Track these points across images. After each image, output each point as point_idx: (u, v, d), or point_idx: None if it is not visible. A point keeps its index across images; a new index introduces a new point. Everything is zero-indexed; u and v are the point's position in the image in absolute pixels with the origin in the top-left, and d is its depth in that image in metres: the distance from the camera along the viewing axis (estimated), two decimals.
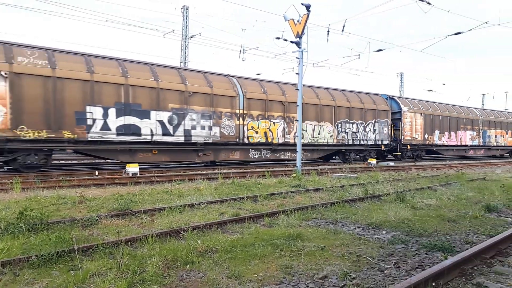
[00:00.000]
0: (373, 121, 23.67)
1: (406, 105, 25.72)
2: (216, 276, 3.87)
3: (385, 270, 4.13)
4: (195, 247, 4.62)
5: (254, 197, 8.75)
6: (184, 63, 31.93)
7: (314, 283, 3.74)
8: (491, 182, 12.47)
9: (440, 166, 20.50)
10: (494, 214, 7.45)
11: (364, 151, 23.55)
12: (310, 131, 20.61)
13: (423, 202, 8.38)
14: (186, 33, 32.11)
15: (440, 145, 27.86)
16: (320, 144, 21.07)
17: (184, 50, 32.37)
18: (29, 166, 12.93)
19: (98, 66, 14.21)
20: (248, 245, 4.85)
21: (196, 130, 16.38)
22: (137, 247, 4.78)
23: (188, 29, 32.22)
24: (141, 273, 3.84)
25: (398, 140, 25.10)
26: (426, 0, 15.73)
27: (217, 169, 15.19)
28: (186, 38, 32.18)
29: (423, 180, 13.25)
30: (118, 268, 3.92)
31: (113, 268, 3.93)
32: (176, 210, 7.03)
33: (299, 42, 15.04)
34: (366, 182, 11.83)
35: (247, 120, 18.06)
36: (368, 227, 6.12)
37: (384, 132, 24.26)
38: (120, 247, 4.52)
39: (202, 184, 10.99)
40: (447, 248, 4.87)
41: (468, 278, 3.89)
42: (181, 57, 32.48)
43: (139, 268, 3.95)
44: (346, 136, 22.22)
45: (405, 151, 25.62)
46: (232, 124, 17.58)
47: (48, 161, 13.64)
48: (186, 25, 32.06)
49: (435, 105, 28.52)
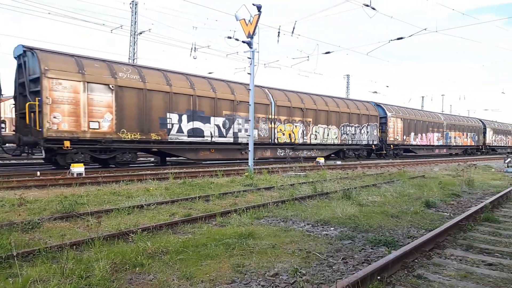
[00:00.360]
0: (366, 124, 27.80)
1: (390, 111, 30.00)
2: (166, 277, 3.81)
3: (333, 265, 4.28)
4: (144, 249, 4.51)
5: (206, 196, 8.70)
6: (132, 60, 31.03)
7: (265, 280, 3.79)
8: (430, 180, 13.28)
9: (384, 165, 21.51)
10: (432, 209, 7.95)
11: (359, 150, 27.66)
12: (321, 133, 24.37)
13: (368, 199, 8.75)
14: (135, 29, 31.20)
15: (415, 145, 32.65)
16: (329, 144, 25.06)
17: (133, 46, 31.45)
18: (124, 163, 15.65)
19: (174, 80, 17.13)
20: (199, 245, 4.82)
21: (241, 133, 19.58)
22: (83, 251, 4.59)
23: (137, 25, 31.35)
24: (88, 278, 3.70)
25: (384, 141, 29.21)
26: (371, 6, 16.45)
27: (168, 169, 14.91)
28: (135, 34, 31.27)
29: (368, 178, 13.84)
30: (62, 273, 3.74)
31: (56, 274, 3.74)
32: (124, 211, 6.82)
33: (251, 42, 15.14)
34: (315, 180, 12.15)
35: (277, 124, 21.58)
36: (317, 224, 6.30)
37: (374, 134, 28.45)
38: (65, 251, 4.31)
39: (152, 185, 10.75)
40: (391, 243, 5.13)
41: (410, 270, 4.12)
42: (129, 53, 31.53)
43: (85, 272, 3.80)
44: (347, 137, 26.24)
45: (388, 150, 29.74)
46: (266, 128, 21.04)
47: (135, 159, 16.49)
48: (135, 20, 31.16)
49: (410, 111, 33.26)
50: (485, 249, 4.97)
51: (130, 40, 31.45)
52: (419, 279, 3.86)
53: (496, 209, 7.89)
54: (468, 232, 5.88)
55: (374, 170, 18.12)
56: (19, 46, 14.32)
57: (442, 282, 3.78)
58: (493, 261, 4.48)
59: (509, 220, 6.90)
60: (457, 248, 5.05)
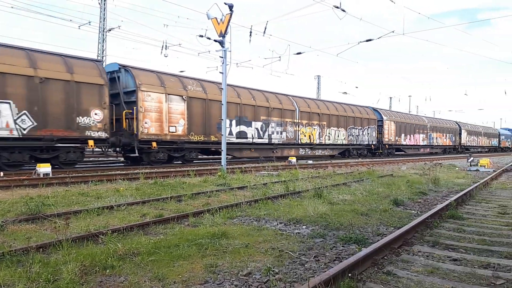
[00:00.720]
0: (367, 127, 31.99)
1: (385, 115, 34.28)
2: (138, 279, 3.75)
3: (305, 263, 4.33)
4: (115, 251, 4.42)
5: (179, 197, 8.61)
6: (101, 57, 30.29)
7: (238, 280, 3.79)
8: (398, 178, 13.66)
9: (353, 164, 21.95)
10: (401, 207, 8.18)
11: (361, 149, 31.76)
12: (333, 134, 28.20)
13: (339, 198, 8.91)
14: (104, 26, 30.48)
15: (405, 145, 37.18)
16: (339, 144, 29.06)
17: (102, 43, 30.71)
18: (189, 159, 19.24)
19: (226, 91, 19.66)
20: (172, 246, 4.77)
21: (274, 135, 23.51)
22: (50, 254, 4.44)
23: (106, 21, 30.63)
24: (55, 281, 3.59)
25: (380, 142, 33.48)
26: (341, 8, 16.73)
27: (138, 169, 14.65)
28: (104, 31, 30.54)
29: (338, 177, 14.08)
30: (28, 277, 3.61)
31: (22, 278, 3.61)
32: (93, 212, 6.66)
33: (223, 41, 15.09)
34: (287, 179, 12.25)
35: (300, 127, 25.37)
36: (289, 223, 6.35)
37: (373, 135, 32.61)
38: (31, 254, 4.17)
39: (122, 185, 10.54)
40: (361, 240, 5.25)
41: (379, 267, 4.23)
42: (98, 50, 30.77)
43: (53, 276, 3.68)
44: (353, 138, 30.30)
45: (384, 149, 34.07)
46: (292, 130, 24.75)
47: (197, 157, 20.24)
48: (104, 17, 30.44)
49: (401, 114, 38.29)
50: (450, 245, 5.16)
51: (99, 37, 30.70)
52: (389, 276, 3.96)
53: (460, 207, 8.20)
54: (435, 229, 6.09)
55: (344, 169, 18.46)
56: (115, 64, 17.60)
57: (410, 278, 3.90)
58: (458, 256, 4.66)
59: (472, 217, 7.20)
60: (424, 244, 5.22)
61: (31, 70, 13.52)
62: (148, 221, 5.97)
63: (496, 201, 9.20)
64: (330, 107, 28.43)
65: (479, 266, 4.34)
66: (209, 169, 15.60)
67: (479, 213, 7.56)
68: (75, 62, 14.91)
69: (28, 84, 13.44)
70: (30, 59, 13.70)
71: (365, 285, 3.68)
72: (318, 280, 3.35)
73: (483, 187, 11.67)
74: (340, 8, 16.65)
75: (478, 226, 6.37)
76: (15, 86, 13.12)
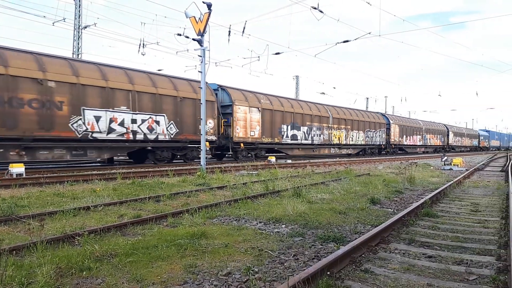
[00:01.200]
0: (379, 130, 38.03)
1: (391, 119, 40.74)
2: (116, 281, 3.69)
3: (285, 262, 4.36)
4: (92, 252, 4.34)
5: (157, 197, 8.52)
6: (77, 55, 29.62)
7: (218, 280, 3.79)
8: (375, 177, 13.90)
9: (331, 163, 22.23)
10: (377, 206, 8.33)
11: (373, 148, 37.88)
12: (355, 136, 34.13)
13: (317, 197, 9.00)
14: (79, 23, 29.77)
15: (406, 145, 43.39)
16: (359, 144, 34.94)
17: (77, 41, 30.00)
18: (260, 156, 24.42)
19: (284, 102, 26.54)
20: (150, 247, 4.71)
21: (315, 137, 28.89)
22: (24, 256, 4.33)
23: (81, 18, 29.92)
24: (30, 284, 3.50)
25: (388, 142, 39.31)
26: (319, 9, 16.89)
27: (115, 169, 14.42)
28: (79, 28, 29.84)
29: (317, 176, 14.22)
30: (1, 280, 3.50)
31: None
32: (69, 213, 6.51)
33: (201, 40, 14.98)
34: (267, 178, 12.29)
35: (332, 130, 30.88)
36: (269, 222, 6.38)
37: (383, 137, 38.69)
38: (3, 257, 4.04)
39: (99, 185, 10.35)
40: (339, 239, 5.32)
41: (357, 265, 4.30)
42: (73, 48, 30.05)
43: (27, 279, 3.59)
44: (368, 139, 36.21)
45: (391, 149, 40.00)
46: (327, 133, 30.24)
47: (265, 153, 25.33)
48: (79, 14, 29.73)
49: (403, 119, 45.51)
50: (426, 243, 5.29)
51: (74, 34, 29.99)
52: (366, 273, 4.03)
53: (435, 205, 8.42)
54: (410, 227, 6.23)
55: (322, 168, 18.65)
56: (215, 84, 22.52)
57: (387, 275, 3.98)
58: (433, 253, 4.79)
59: (446, 214, 7.40)
60: (400, 242, 5.33)
61: (175, 92, 18.89)
62: (126, 222, 5.88)
63: (468, 199, 9.49)
64: (352, 113, 34.53)
65: (453, 262, 4.46)
66: (188, 169, 15.49)
67: (453, 211, 7.78)
68: (196, 84, 19.41)
69: (174, 102, 18.67)
70: (174, 84, 19.07)
71: (343, 283, 3.74)
72: (297, 279, 3.37)
73: (457, 186, 12.01)
74: (318, 9, 16.82)
75: (451, 224, 6.56)
76: (167, 104, 18.33)
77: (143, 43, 22.69)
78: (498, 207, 8.28)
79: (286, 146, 26.18)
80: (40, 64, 14.10)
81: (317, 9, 16.74)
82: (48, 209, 6.96)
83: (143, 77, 17.95)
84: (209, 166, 16.68)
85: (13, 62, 13.34)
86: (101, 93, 15.68)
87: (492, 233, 5.90)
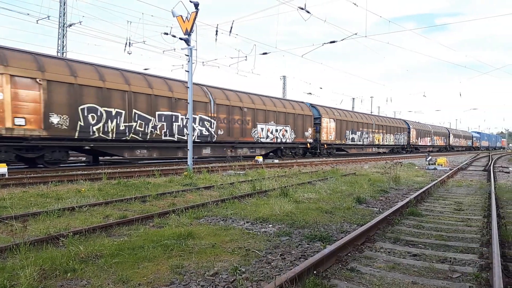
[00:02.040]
0: (402, 133, 46.04)
1: (411, 125, 48.62)
2: (101, 282, 3.65)
3: (272, 262, 4.37)
4: (77, 254, 4.28)
5: (143, 197, 8.45)
6: (62, 53, 29.19)
7: (205, 280, 3.77)
8: (361, 177, 14.03)
9: (318, 163, 22.34)
10: (363, 205, 8.41)
11: (399, 148, 45.22)
12: (388, 138, 41.99)
13: (304, 196, 9.04)
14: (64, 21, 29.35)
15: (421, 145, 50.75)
16: (390, 144, 42.95)
17: (62, 39, 29.58)
18: (332, 154, 32.61)
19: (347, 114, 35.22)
20: (136, 247, 4.67)
21: (365, 139, 36.89)
22: (6, 258, 4.24)
23: (66, 16, 29.52)
24: (12, 287, 3.44)
25: (408, 143, 46.97)
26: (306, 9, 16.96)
27: (101, 169, 14.24)
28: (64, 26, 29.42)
29: (304, 176, 14.29)
30: None
31: None
32: (54, 214, 6.41)
33: (188, 39, 14.90)
34: (254, 178, 12.30)
35: (375, 134, 39.11)
36: (256, 222, 6.38)
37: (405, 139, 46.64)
38: None
39: (84, 186, 10.21)
40: (326, 238, 5.35)
41: (343, 264, 4.33)
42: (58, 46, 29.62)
43: (9, 281, 3.52)
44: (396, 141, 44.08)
45: (410, 148, 47.60)
46: (372, 136, 38.50)
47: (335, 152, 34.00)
48: (64, 12, 29.31)
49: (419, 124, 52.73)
50: (411, 241, 5.36)
51: (58, 33, 29.55)
52: (352, 272, 4.07)
53: (420, 204, 8.54)
54: (396, 226, 6.31)
55: (309, 168, 18.73)
56: (308, 103, 31.10)
57: (373, 274, 4.02)
58: (417, 252, 4.86)
59: (430, 213, 7.51)
60: (386, 241, 5.39)
61: (293, 110, 27.93)
62: (111, 223, 5.82)
63: (452, 198, 9.65)
64: (386, 120, 43.11)
65: (437, 260, 4.53)
66: (175, 169, 15.40)
67: (437, 210, 7.90)
68: (301, 105, 29.55)
69: (294, 117, 27.77)
70: (282, 103, 27.59)
71: (330, 282, 3.76)
72: (284, 278, 3.39)
73: (441, 185, 12.20)
74: (305, 10, 16.87)
75: (436, 223, 6.66)
76: (290, 118, 27.46)
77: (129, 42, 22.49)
78: (481, 206, 8.44)
79: (346, 146, 34.72)
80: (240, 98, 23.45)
81: (304, 10, 16.80)
82: (31, 210, 6.84)
83: (275, 101, 27.08)
84: (196, 166, 16.61)
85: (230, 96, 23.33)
86: (263, 114, 24.98)
87: (475, 231, 6.01)
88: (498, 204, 8.49)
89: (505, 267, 4.23)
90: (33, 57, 14.03)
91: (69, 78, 14.66)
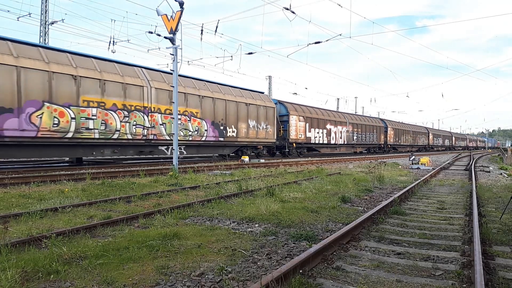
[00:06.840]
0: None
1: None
2: (85, 284, 3.60)
3: (258, 261, 4.37)
4: (60, 255, 4.21)
5: (128, 198, 8.36)
6: None
7: (191, 281, 3.76)
8: (345, 176, 14.15)
9: (303, 163, 22.45)
10: (348, 204, 8.48)
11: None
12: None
13: (290, 196, 9.07)
14: (45, 18, 28.79)
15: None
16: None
17: (44, 37, 29.01)
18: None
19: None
20: (121, 248, 4.62)
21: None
22: None
23: (48, 14, 28.94)
24: None
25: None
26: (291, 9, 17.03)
27: (84, 169, 14.04)
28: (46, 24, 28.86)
29: (289, 175, 14.34)
30: None
31: None
32: (36, 215, 6.29)
33: (173, 38, 14.80)
34: (240, 178, 12.29)
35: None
36: (242, 221, 6.38)
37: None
38: None
39: (67, 186, 10.05)
40: (311, 237, 5.38)
41: (329, 263, 4.37)
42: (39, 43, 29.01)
43: None
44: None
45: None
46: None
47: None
48: (45, 9, 28.76)
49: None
50: (395, 240, 5.44)
51: (40, 30, 28.98)
52: (338, 271, 4.10)
53: (403, 203, 8.66)
54: (380, 225, 6.38)
55: (294, 168, 18.81)
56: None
57: (358, 273, 4.07)
58: (401, 250, 4.93)
59: (414, 212, 7.62)
60: (370, 240, 5.46)
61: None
62: (95, 223, 5.74)
63: (435, 197, 9.81)
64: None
65: (421, 258, 4.61)
66: (160, 169, 15.28)
67: (420, 209, 8.03)
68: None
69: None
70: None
71: (315, 281, 3.79)
72: (270, 278, 3.39)
73: (424, 184, 12.40)
74: (290, 10, 16.95)
75: (419, 221, 6.76)
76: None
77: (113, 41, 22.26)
78: (463, 204, 8.60)
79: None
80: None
81: (289, 10, 16.87)
82: (12, 211, 6.71)
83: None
84: (182, 166, 16.51)
85: None
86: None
87: (457, 229, 6.13)
88: (479, 202, 8.68)
89: (486, 264, 4.32)
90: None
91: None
